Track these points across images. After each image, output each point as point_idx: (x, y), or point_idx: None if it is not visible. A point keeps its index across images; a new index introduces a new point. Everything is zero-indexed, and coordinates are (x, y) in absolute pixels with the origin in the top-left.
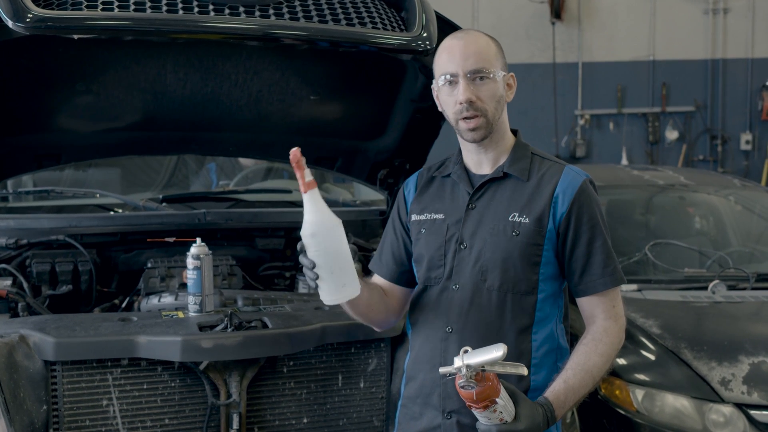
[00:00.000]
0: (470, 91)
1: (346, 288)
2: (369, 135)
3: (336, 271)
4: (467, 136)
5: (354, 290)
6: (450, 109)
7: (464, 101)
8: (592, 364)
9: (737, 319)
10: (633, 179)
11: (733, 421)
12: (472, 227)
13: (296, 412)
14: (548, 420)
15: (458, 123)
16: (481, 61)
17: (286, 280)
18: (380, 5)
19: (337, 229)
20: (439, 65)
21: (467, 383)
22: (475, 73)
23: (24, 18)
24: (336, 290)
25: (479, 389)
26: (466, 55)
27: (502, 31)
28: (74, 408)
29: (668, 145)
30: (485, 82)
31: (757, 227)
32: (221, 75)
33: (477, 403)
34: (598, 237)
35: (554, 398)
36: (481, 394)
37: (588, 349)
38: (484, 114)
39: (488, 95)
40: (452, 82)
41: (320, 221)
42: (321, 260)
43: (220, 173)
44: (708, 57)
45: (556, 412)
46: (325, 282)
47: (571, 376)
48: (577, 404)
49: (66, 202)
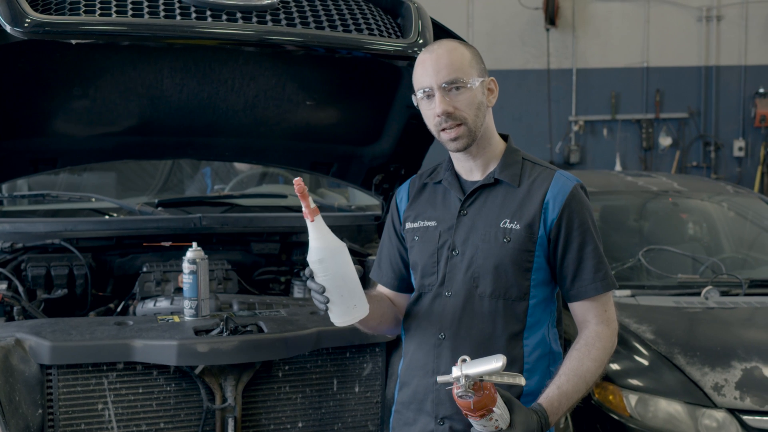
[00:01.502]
0: (446, 102)
1: (356, 309)
2: (364, 140)
3: (345, 294)
4: (450, 147)
5: (363, 311)
6: (430, 122)
7: (440, 114)
8: (585, 369)
9: (730, 324)
10: (627, 185)
11: (726, 427)
12: (464, 234)
13: (291, 417)
14: (542, 426)
15: (440, 135)
16: (454, 71)
17: (281, 285)
18: (376, 12)
19: (342, 253)
20: (416, 80)
21: (465, 393)
22: (450, 84)
23: (22, 23)
24: (347, 312)
25: (477, 399)
26: (438, 68)
27: (496, 37)
28: (70, 412)
29: (662, 151)
30: (461, 91)
31: (750, 233)
32: (218, 80)
33: (474, 412)
34: (589, 242)
35: (548, 404)
36: (479, 404)
37: (581, 354)
38: (464, 122)
39: (465, 104)
40: (429, 95)
41: (326, 247)
42: (330, 284)
43: (215, 178)
44: (701, 64)
45: (549, 418)
46: (335, 305)
47: (565, 381)
48: (570, 409)
49: (61, 206)
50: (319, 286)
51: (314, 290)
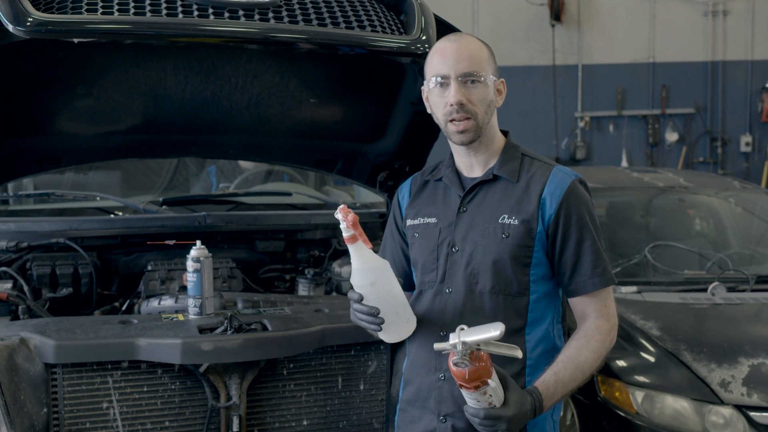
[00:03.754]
0: (461, 93)
1: (409, 323)
2: (369, 138)
3: (399, 310)
4: (455, 138)
5: (414, 322)
6: (440, 110)
7: (455, 103)
8: (582, 359)
9: (737, 320)
10: (633, 181)
11: (733, 423)
12: (464, 230)
13: (296, 415)
14: (536, 409)
15: (447, 125)
16: (474, 64)
17: (286, 283)
18: (379, 8)
19: (389, 270)
20: (431, 67)
21: (461, 360)
22: (466, 76)
23: (24, 22)
24: (402, 328)
25: (472, 368)
26: (458, 58)
27: (501, 33)
28: (74, 410)
29: (668, 147)
30: (476, 85)
31: (757, 229)
32: (221, 78)
33: (468, 383)
34: (588, 238)
35: (544, 388)
36: (474, 374)
37: (579, 344)
38: (474, 117)
39: (479, 99)
40: (443, 84)
41: (375, 268)
42: (386, 304)
43: (220, 176)
44: (708, 59)
45: (544, 402)
46: (392, 324)
47: (562, 368)
48: (565, 397)
49: (66, 205)
50: (373, 308)
51: (366, 313)
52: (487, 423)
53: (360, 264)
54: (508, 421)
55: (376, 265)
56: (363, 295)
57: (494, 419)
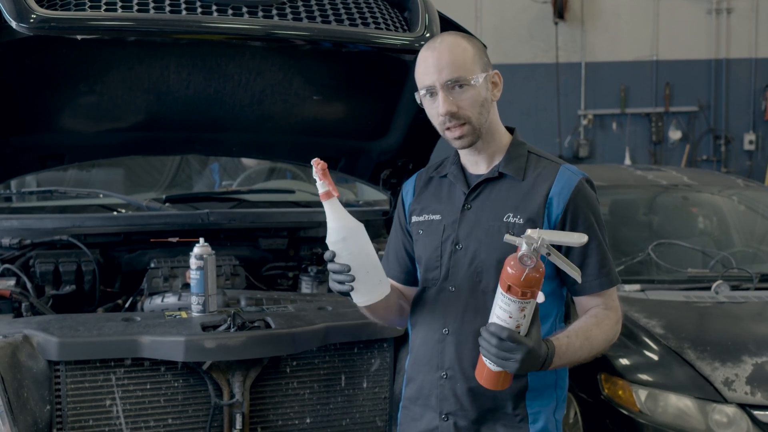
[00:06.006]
0: (449, 102)
1: (381, 284)
2: (372, 135)
3: (371, 270)
4: (455, 145)
5: (387, 286)
6: (434, 120)
7: (444, 114)
8: (593, 334)
9: (740, 319)
10: (636, 179)
11: (737, 422)
12: (468, 228)
13: (299, 412)
14: (545, 360)
15: (444, 133)
16: (457, 69)
17: (289, 280)
18: (383, 5)
19: (363, 231)
20: (418, 78)
21: (528, 255)
22: (453, 82)
23: (27, 19)
24: (373, 289)
25: (530, 271)
26: (440, 67)
27: (505, 31)
28: (77, 408)
29: (671, 145)
30: (465, 89)
31: (761, 227)
32: (224, 75)
33: (518, 286)
34: (594, 238)
35: (557, 345)
36: (529, 279)
37: (589, 321)
38: (468, 121)
39: (469, 102)
40: (432, 93)
41: (347, 226)
42: (356, 262)
43: (223, 173)
44: (711, 57)
45: (554, 358)
46: (361, 283)
47: (573, 335)
48: (569, 365)
49: (69, 202)
50: (344, 265)
51: (338, 271)
52: (505, 346)
53: (332, 222)
54: (526, 352)
55: (348, 224)
56: (336, 253)
57: (515, 344)
